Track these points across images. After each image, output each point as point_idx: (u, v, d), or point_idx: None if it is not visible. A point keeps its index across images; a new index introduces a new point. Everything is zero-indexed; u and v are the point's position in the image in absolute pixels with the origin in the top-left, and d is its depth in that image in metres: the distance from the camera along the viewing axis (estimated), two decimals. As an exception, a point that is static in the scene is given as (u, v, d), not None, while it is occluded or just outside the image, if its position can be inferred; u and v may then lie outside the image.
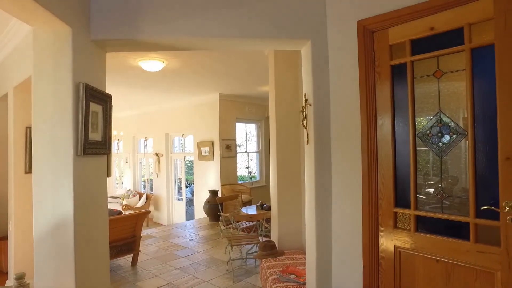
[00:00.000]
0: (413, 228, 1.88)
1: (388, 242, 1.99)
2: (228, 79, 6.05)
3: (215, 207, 6.49)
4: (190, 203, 8.93)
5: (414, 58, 1.87)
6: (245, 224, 5.31)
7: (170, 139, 9.08)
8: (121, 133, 9.96)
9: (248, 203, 6.72)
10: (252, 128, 8.94)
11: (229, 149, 7.59)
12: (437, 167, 1.84)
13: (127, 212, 7.47)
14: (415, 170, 1.88)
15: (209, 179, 7.72)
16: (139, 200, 9.04)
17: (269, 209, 4.41)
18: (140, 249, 4.51)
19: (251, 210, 5.06)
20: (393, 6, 1.91)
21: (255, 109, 8.39)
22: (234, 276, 3.88)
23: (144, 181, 10.25)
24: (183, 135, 8.76)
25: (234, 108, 7.80)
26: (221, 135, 7.45)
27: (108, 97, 2.37)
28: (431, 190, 1.86)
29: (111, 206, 6.54)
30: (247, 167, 8.79)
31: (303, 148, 2.60)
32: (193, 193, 8.60)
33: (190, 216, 8.64)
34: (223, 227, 4.58)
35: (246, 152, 8.83)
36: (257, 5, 2.22)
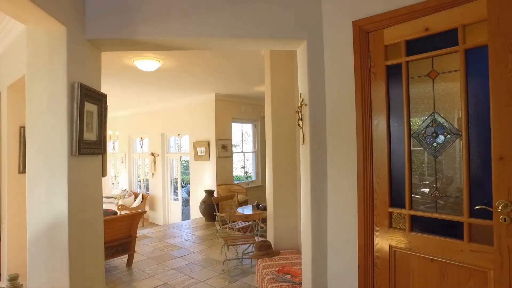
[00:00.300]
0: (408, 227, 1.89)
1: (383, 241, 2.00)
2: (224, 79, 6.05)
3: (211, 207, 6.48)
4: (186, 203, 8.91)
5: (409, 58, 1.88)
6: (241, 224, 5.31)
7: (166, 139, 9.05)
8: (116, 133, 9.91)
9: (244, 203, 6.72)
10: (248, 128, 8.94)
11: (225, 149, 7.59)
12: (432, 167, 1.85)
13: (122, 212, 7.44)
14: (410, 170, 1.89)
15: (205, 179, 7.70)
16: (135, 200, 9.00)
17: (265, 209, 4.41)
18: (135, 250, 4.49)
19: (247, 210, 5.07)
20: (389, 6, 1.92)
21: (251, 109, 8.39)
22: (230, 276, 3.87)
23: (139, 181, 10.21)
24: (179, 135, 8.73)
25: (230, 108, 7.79)
26: (217, 135, 7.44)
27: (103, 96, 2.36)
28: (426, 190, 1.87)
29: (106, 206, 6.48)
30: (243, 167, 8.78)
31: (299, 148, 2.61)
32: (189, 193, 8.58)
33: (186, 216, 8.62)
34: (219, 227, 4.57)
35: (242, 152, 8.83)
36: (253, 5, 2.22)
